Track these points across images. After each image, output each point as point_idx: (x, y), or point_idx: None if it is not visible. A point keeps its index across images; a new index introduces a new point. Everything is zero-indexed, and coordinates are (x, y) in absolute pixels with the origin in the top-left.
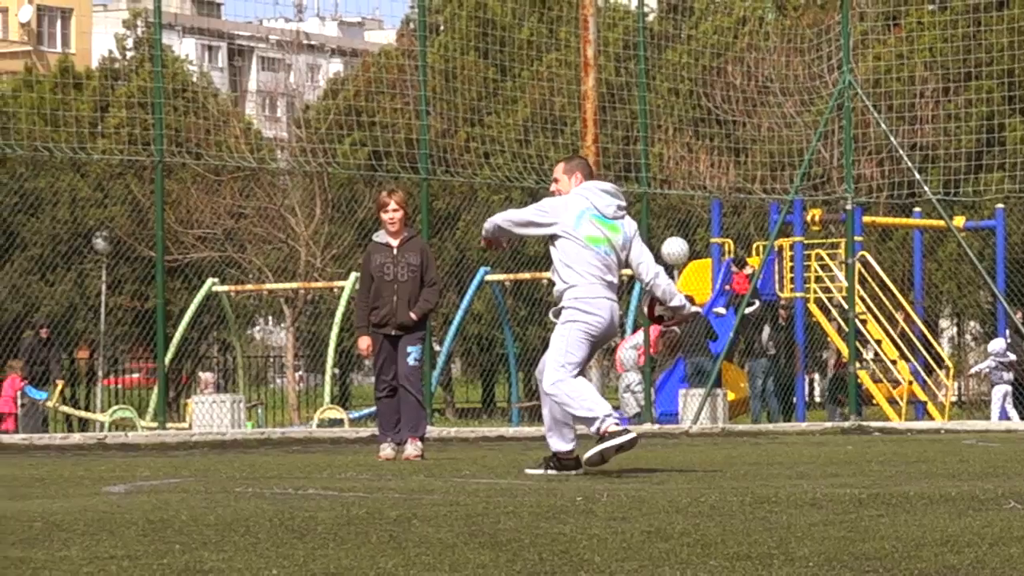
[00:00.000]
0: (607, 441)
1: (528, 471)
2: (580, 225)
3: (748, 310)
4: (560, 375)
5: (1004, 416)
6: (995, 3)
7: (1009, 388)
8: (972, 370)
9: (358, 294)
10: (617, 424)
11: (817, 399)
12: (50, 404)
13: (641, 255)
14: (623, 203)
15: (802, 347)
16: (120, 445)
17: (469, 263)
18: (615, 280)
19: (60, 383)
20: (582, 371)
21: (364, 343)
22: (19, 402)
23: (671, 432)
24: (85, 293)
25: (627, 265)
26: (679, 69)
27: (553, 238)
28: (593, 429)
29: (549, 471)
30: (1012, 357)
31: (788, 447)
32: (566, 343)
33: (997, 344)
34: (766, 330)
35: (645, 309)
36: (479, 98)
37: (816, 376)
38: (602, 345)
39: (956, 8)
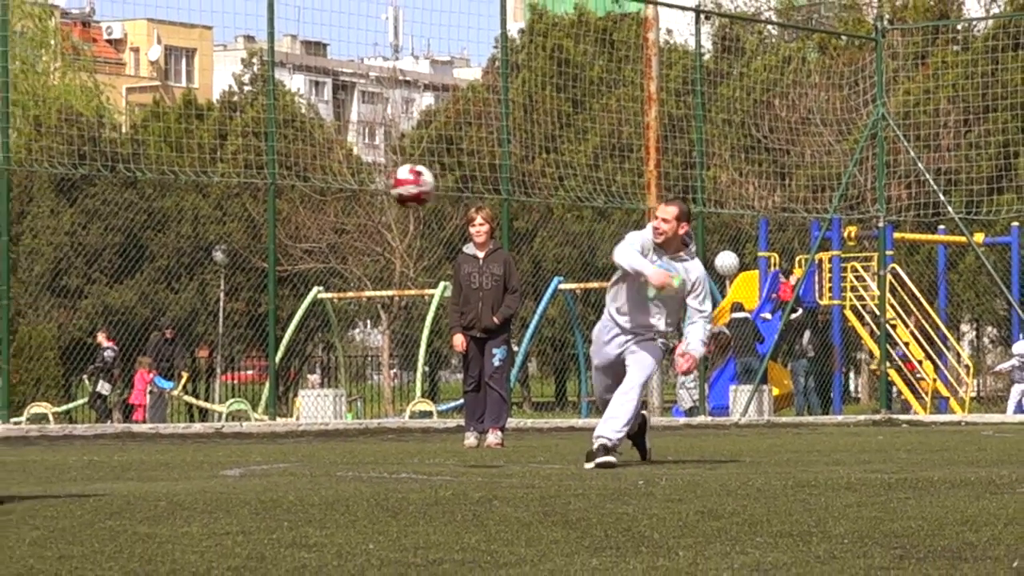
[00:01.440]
0: (605, 456)
1: (589, 466)
2: None
3: (793, 316)
4: (642, 391)
5: (1019, 411)
6: (1011, 45)
7: None
8: (996, 368)
9: (451, 299)
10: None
11: (852, 395)
12: (175, 393)
13: None
14: None
15: (839, 348)
16: (235, 434)
17: (544, 273)
18: None
19: (185, 374)
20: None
21: (458, 340)
22: (148, 391)
23: (722, 424)
24: (205, 299)
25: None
26: (732, 102)
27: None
28: (616, 438)
29: (606, 457)
30: None
31: (826, 437)
32: (658, 365)
33: (1021, 346)
34: (806, 334)
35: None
36: (555, 128)
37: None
38: None
39: (976, 49)
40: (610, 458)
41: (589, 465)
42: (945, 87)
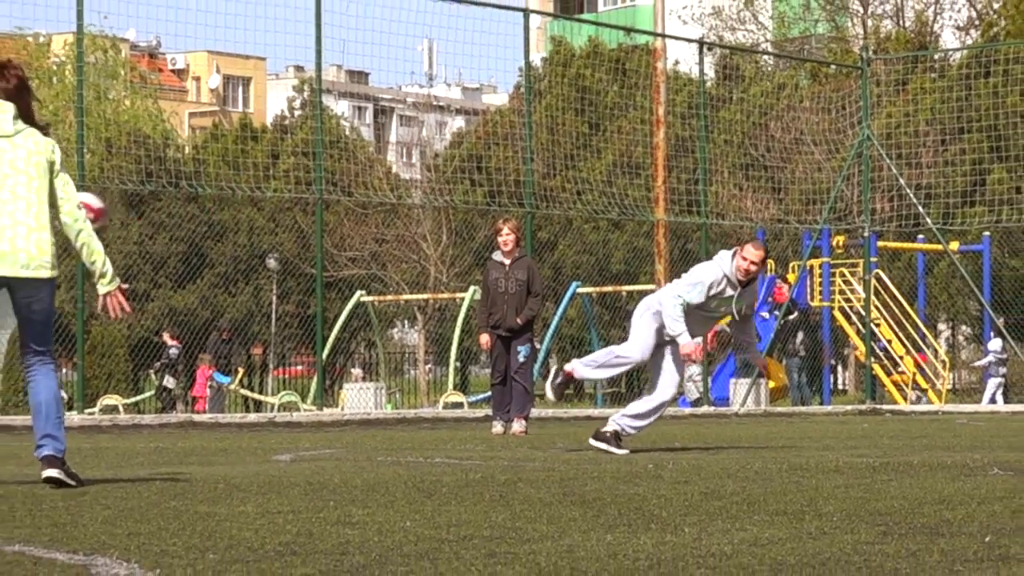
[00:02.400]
0: (610, 444)
1: (593, 443)
2: None
3: (790, 317)
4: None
5: (992, 402)
6: (982, 73)
7: (1002, 380)
8: (974, 364)
9: (480, 301)
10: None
11: (839, 387)
12: (232, 387)
13: None
14: None
15: (828, 346)
16: (286, 423)
17: (564, 279)
18: None
19: (241, 370)
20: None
21: (484, 339)
22: (208, 384)
23: (723, 413)
24: (260, 302)
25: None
26: (732, 125)
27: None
28: (629, 432)
29: (616, 449)
30: (1006, 355)
31: (817, 425)
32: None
33: (996, 343)
34: (799, 335)
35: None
36: (573, 148)
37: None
38: None
39: (951, 76)
40: (621, 450)
41: (594, 442)
42: (923, 111)
